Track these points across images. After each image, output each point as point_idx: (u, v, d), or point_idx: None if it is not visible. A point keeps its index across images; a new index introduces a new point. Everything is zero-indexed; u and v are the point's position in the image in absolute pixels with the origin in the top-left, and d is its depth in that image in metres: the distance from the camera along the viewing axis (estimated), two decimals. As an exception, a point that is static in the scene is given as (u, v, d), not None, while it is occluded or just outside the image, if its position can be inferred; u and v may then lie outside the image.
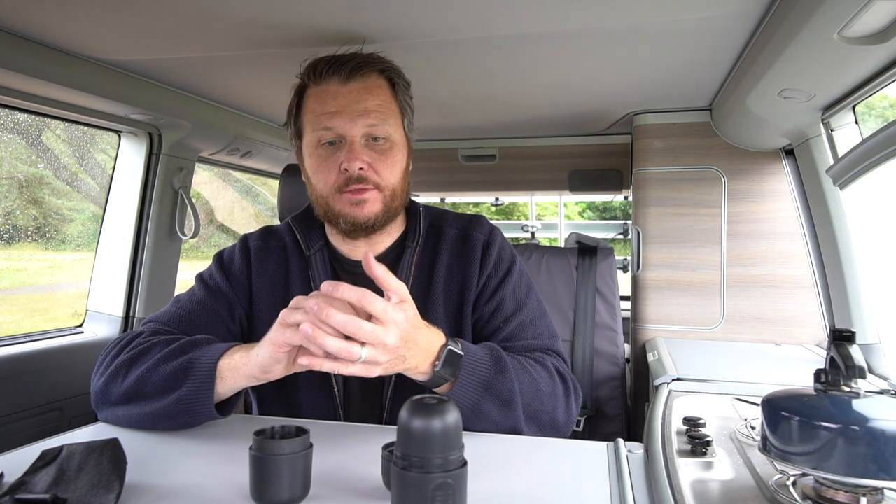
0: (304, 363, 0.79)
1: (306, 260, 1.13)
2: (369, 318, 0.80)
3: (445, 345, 0.89)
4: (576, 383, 1.07)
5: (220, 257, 1.17)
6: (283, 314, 0.83)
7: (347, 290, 0.77)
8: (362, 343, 0.79)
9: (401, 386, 1.05)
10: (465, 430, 0.89)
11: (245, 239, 1.19)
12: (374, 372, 0.82)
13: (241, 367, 0.90)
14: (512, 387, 0.94)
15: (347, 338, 0.78)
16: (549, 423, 1.00)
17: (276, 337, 0.84)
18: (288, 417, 1.06)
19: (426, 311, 1.08)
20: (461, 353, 0.90)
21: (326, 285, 0.78)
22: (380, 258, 1.12)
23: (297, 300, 0.84)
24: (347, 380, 1.07)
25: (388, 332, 0.80)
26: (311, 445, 0.70)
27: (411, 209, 1.18)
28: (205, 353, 0.92)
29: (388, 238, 1.14)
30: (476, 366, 0.92)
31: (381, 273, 0.81)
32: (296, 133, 1.11)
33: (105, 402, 0.95)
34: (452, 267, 1.11)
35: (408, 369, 0.87)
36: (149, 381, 0.91)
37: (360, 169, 1.02)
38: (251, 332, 1.12)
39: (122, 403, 0.93)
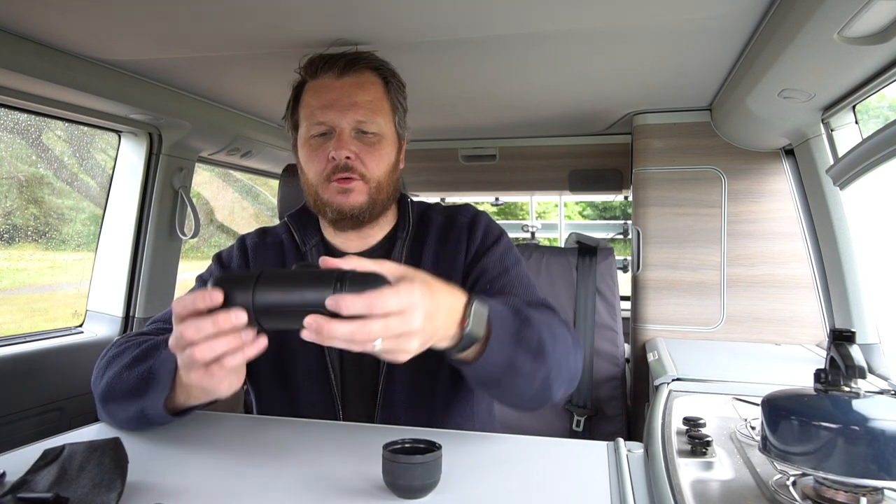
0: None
1: (302, 255, 1.15)
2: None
3: (469, 302, 0.79)
4: (576, 336, 1.02)
5: (218, 257, 1.20)
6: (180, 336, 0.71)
7: (352, 303, 0.66)
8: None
9: (391, 379, 1.06)
10: (498, 390, 0.84)
11: (242, 238, 1.21)
12: (403, 358, 0.72)
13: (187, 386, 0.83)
14: (540, 336, 0.88)
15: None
16: (569, 375, 0.94)
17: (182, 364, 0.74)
18: (287, 417, 1.06)
19: None
20: (485, 308, 0.81)
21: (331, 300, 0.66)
22: (372, 251, 1.14)
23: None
24: (344, 373, 1.09)
25: (410, 317, 0.68)
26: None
27: (402, 204, 1.20)
28: (163, 363, 0.86)
29: (379, 231, 1.16)
30: (502, 319, 0.84)
31: (354, 263, 0.70)
32: (293, 125, 1.15)
33: (96, 398, 0.98)
34: (439, 252, 1.13)
35: (437, 341, 0.76)
36: (117, 387, 0.91)
37: (347, 158, 1.05)
38: None
39: (101, 402, 0.95)
